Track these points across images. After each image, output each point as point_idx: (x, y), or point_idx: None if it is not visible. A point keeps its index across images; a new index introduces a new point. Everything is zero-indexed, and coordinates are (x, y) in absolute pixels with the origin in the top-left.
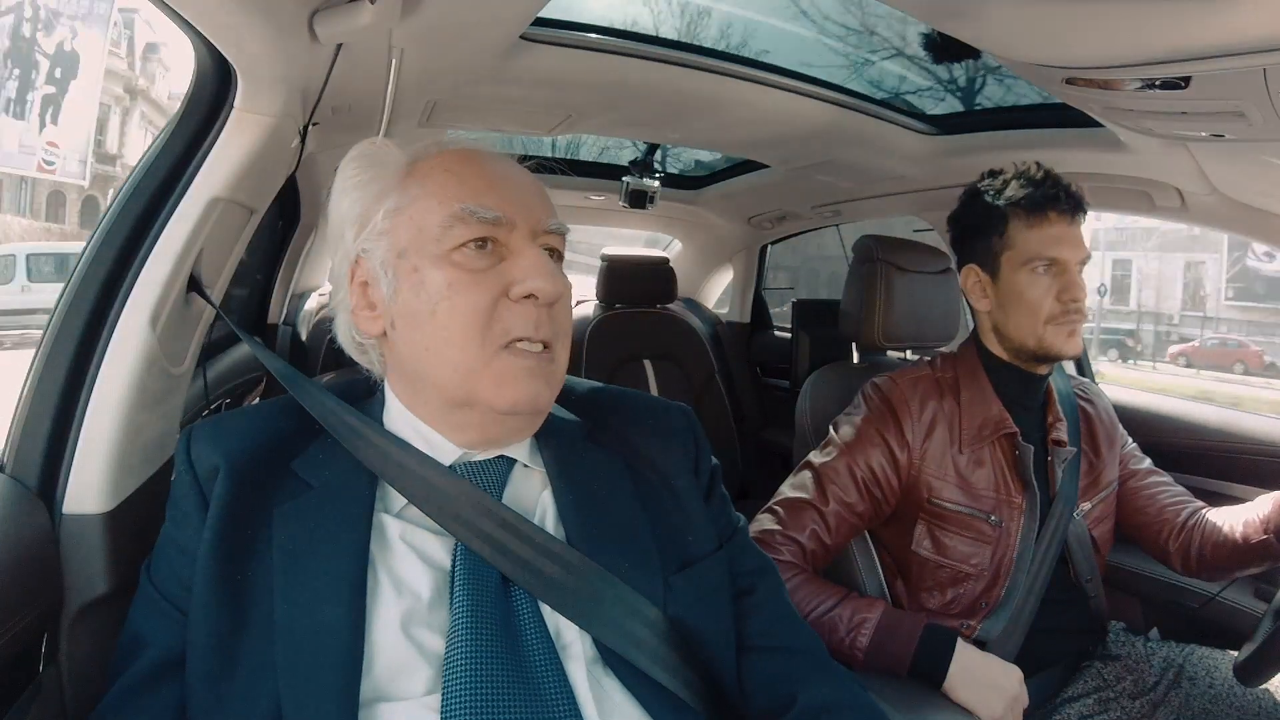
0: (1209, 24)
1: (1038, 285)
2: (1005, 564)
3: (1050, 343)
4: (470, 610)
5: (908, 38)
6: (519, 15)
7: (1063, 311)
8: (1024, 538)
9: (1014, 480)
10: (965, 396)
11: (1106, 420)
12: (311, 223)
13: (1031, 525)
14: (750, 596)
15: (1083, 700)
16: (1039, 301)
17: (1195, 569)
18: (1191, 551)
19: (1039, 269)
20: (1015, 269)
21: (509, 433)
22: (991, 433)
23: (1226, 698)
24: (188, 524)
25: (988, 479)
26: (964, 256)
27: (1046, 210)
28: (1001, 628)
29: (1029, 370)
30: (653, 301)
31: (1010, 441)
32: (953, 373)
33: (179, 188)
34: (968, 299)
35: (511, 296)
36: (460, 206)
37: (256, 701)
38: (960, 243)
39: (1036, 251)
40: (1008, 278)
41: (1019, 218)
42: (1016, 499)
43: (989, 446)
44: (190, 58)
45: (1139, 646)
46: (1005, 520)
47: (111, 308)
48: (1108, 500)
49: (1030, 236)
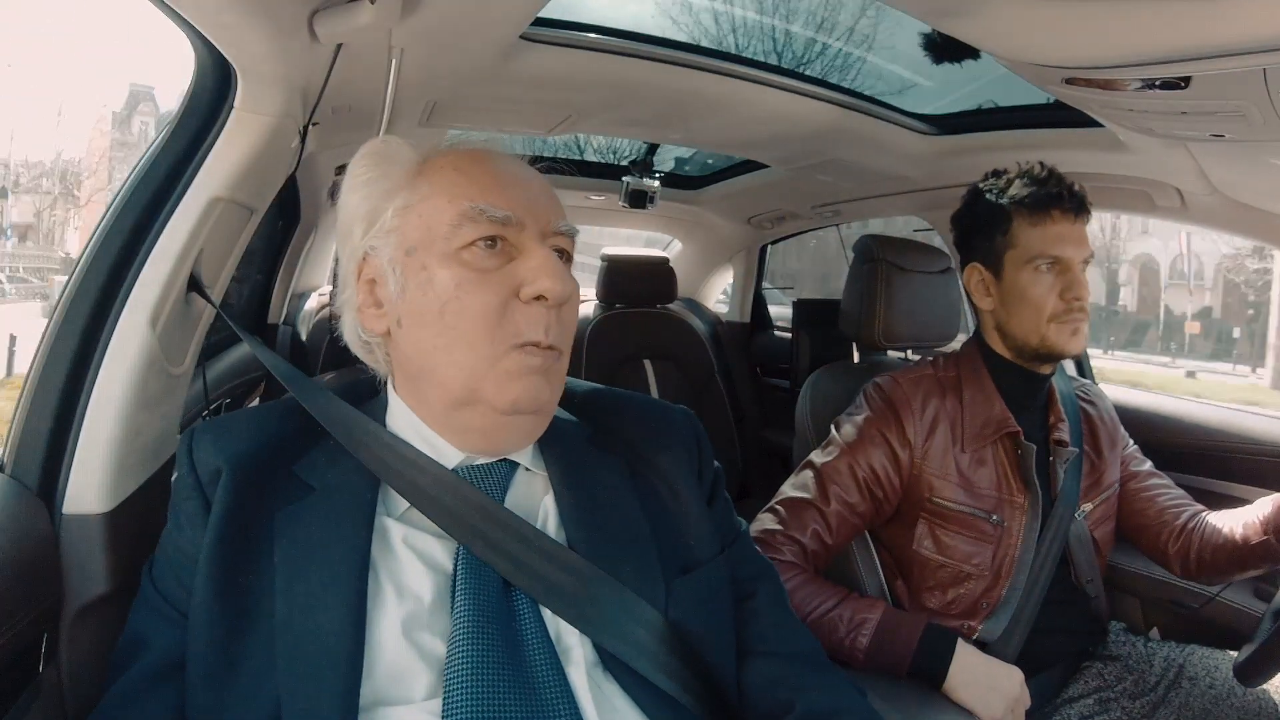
0: (1209, 24)
1: (1041, 283)
2: (1006, 564)
3: (1053, 341)
4: (472, 614)
5: (907, 37)
6: (519, 15)
7: (1066, 309)
8: (1025, 538)
9: (1016, 480)
10: (967, 396)
11: (1108, 421)
12: (311, 223)
13: (1033, 525)
14: (751, 601)
15: (1083, 700)
16: (1042, 299)
17: (1195, 572)
18: (1191, 555)
19: (1042, 267)
20: (1019, 267)
21: (512, 437)
22: (994, 432)
23: (1226, 698)
24: (189, 526)
25: (989, 478)
26: (967, 255)
27: (1050, 209)
28: (1003, 628)
29: (1031, 369)
30: (653, 301)
31: (1012, 441)
32: (955, 372)
33: (179, 188)
34: (970, 298)
35: (521, 297)
36: (470, 205)
37: (256, 704)
38: (963, 242)
39: (1040, 250)
40: (1011, 276)
41: (1023, 216)
42: (1018, 499)
43: (991, 446)
44: (190, 58)
45: (1139, 646)
46: (1007, 520)
47: (111, 308)
48: (1109, 501)
49: (1034, 235)
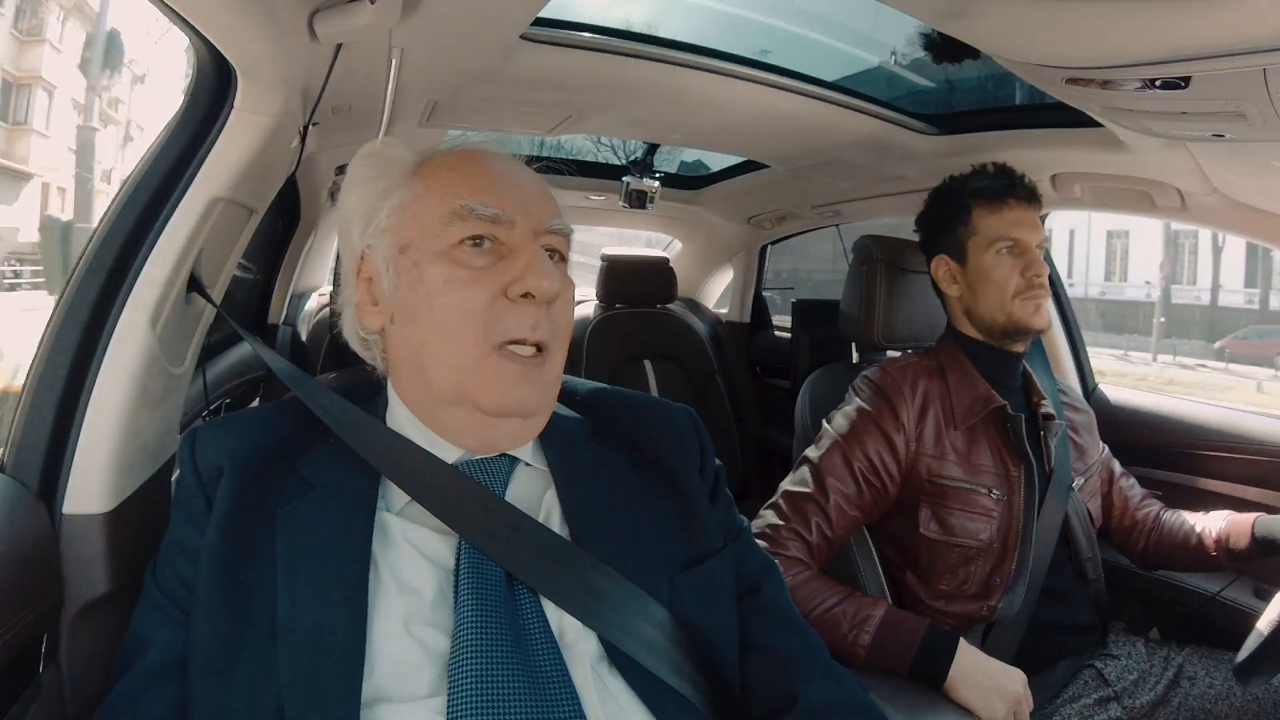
0: (1209, 24)
1: (1003, 264)
2: (1012, 537)
3: (1019, 316)
4: (476, 608)
5: (907, 38)
6: (519, 15)
7: (1027, 286)
8: (1026, 509)
9: (1009, 454)
10: (952, 379)
11: (1080, 405)
12: (311, 223)
13: (1032, 497)
14: (753, 597)
15: (1083, 700)
16: (1005, 279)
17: (1149, 566)
18: (1150, 549)
19: (1003, 250)
20: (981, 251)
21: (501, 437)
22: (982, 408)
23: (1226, 698)
24: (191, 525)
25: (985, 455)
26: (933, 250)
27: (1006, 197)
28: (1019, 604)
29: (1004, 348)
30: (653, 301)
31: (1001, 416)
32: (936, 361)
33: (179, 188)
34: (938, 287)
35: (509, 295)
36: (460, 203)
37: (259, 702)
38: (929, 239)
39: (1000, 233)
40: (975, 260)
41: (982, 206)
42: (1014, 472)
43: (982, 425)
44: (190, 58)
45: (1139, 646)
46: (1006, 494)
47: (111, 308)
48: (1097, 477)
49: (993, 221)
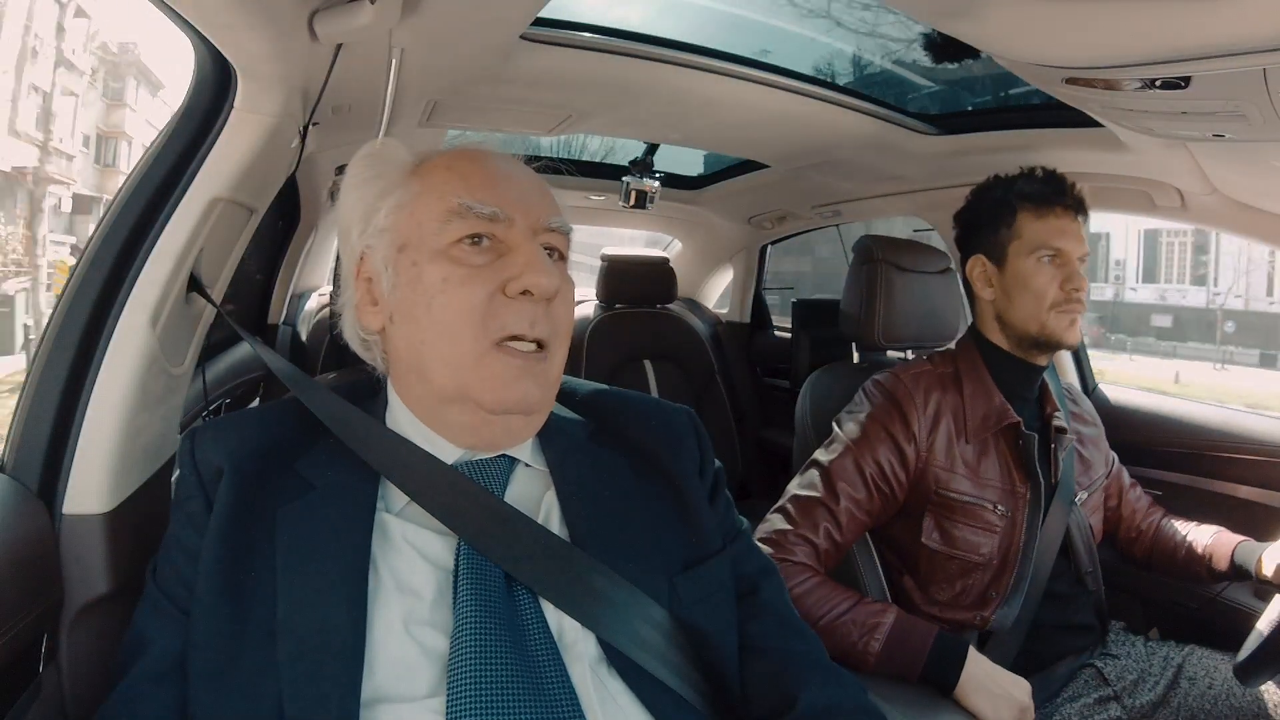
0: (1209, 24)
1: (1043, 273)
2: (1012, 553)
3: (1052, 329)
4: (475, 608)
5: (907, 38)
6: (519, 15)
7: (1065, 299)
8: (1029, 526)
9: (1018, 471)
10: (968, 390)
11: (1090, 419)
12: (311, 223)
13: (1036, 514)
14: (753, 598)
15: (1083, 700)
16: (1044, 288)
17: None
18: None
19: (1044, 258)
20: (1022, 257)
21: (503, 435)
22: (995, 424)
23: (1226, 698)
24: (191, 525)
25: (993, 470)
26: (970, 249)
27: (1054, 204)
28: (1014, 616)
29: (1028, 360)
30: (653, 301)
31: (1013, 433)
32: (952, 368)
33: (179, 188)
34: (971, 289)
35: (508, 292)
36: (458, 201)
37: (258, 702)
38: (966, 236)
39: (1044, 240)
40: (1014, 266)
41: (1027, 210)
42: (1021, 489)
43: (993, 438)
44: (190, 58)
45: (1139, 646)
46: (1011, 510)
47: (111, 308)
48: (1098, 493)
49: (1038, 227)
